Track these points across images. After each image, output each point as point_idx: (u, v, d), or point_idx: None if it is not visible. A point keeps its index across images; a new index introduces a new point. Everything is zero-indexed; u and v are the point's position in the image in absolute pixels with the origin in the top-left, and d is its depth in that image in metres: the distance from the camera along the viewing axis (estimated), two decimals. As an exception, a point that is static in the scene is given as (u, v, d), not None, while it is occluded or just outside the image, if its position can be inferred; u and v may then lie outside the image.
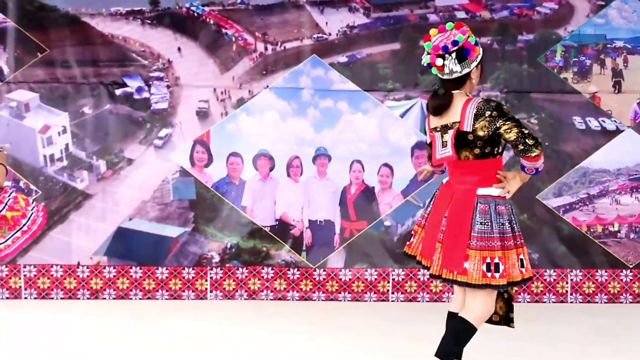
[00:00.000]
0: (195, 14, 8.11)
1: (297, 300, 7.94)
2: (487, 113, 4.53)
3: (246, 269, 7.95)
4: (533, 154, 4.50)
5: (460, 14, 8.12)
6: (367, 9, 8.20)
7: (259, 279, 7.94)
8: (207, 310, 7.50)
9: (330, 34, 8.15)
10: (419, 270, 7.90)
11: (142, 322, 7.02)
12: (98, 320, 7.07)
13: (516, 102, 7.95)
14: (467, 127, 4.57)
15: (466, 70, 4.62)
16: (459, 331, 4.70)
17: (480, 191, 4.62)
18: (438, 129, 4.73)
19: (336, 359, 5.96)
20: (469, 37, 4.58)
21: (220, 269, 7.94)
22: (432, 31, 4.73)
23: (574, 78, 8.09)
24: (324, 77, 8.10)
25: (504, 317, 4.93)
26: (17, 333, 6.57)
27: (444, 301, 7.88)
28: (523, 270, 4.62)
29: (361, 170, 8.06)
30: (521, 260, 4.62)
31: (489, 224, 4.55)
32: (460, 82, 4.64)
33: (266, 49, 8.12)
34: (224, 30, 8.13)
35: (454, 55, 4.55)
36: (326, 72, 8.10)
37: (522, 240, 4.67)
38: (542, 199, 8.00)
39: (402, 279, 7.92)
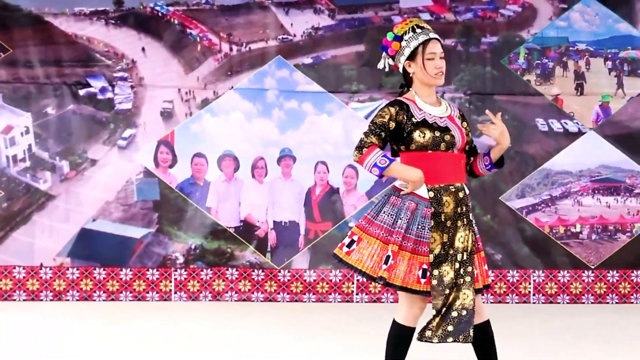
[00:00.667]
0: (160, 14, 8.21)
1: (261, 301, 8.04)
2: None
3: (210, 270, 8.03)
4: (354, 159, 4.31)
5: (425, 16, 8.26)
6: (332, 11, 8.33)
7: (223, 280, 8.03)
8: (171, 312, 7.56)
9: (295, 36, 8.28)
10: (383, 271, 7.98)
11: (106, 323, 7.04)
12: (61, 322, 7.09)
13: (480, 104, 8.09)
14: None
15: (401, 65, 4.44)
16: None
17: (396, 182, 4.40)
18: None
19: (301, 359, 6.02)
20: (389, 32, 4.47)
21: (185, 270, 8.02)
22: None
23: (537, 80, 8.27)
24: (289, 79, 8.22)
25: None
26: (-22, 334, 6.59)
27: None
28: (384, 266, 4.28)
29: (326, 172, 8.18)
30: (387, 257, 4.27)
31: (393, 216, 4.31)
32: (405, 80, 4.50)
33: (231, 49, 8.22)
34: (188, 31, 8.23)
35: (384, 54, 4.51)
36: (291, 73, 8.21)
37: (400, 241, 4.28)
38: (505, 200, 8.16)
39: (367, 280, 8.01)
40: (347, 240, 4.51)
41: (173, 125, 8.11)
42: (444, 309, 4.29)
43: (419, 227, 4.29)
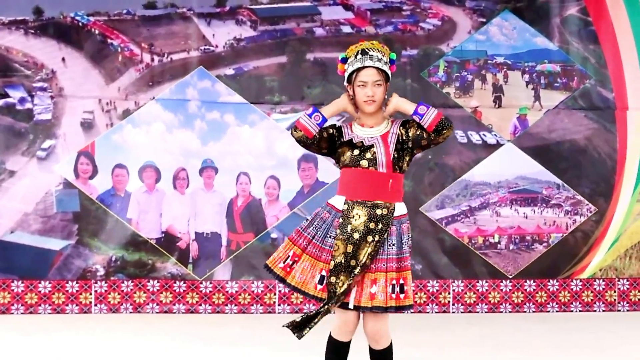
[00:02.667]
0: (80, 24, 8.33)
1: (183, 313, 8.22)
2: None
3: (131, 282, 8.18)
4: (294, 135, 4.71)
5: (346, 29, 8.52)
6: (254, 22, 8.52)
7: (144, 292, 8.18)
8: (91, 325, 7.66)
9: (217, 46, 8.46)
10: (305, 282, 8.21)
11: (24, 337, 7.09)
12: (-22, 336, 7.14)
13: (399, 115, 8.29)
14: None
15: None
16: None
17: None
18: None
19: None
20: (341, 54, 4.83)
21: (105, 282, 8.15)
22: None
23: (456, 93, 8.58)
24: (211, 89, 8.41)
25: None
26: None
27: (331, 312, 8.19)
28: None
29: (248, 183, 8.39)
30: (288, 257, 4.67)
31: (308, 222, 4.74)
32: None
33: (152, 60, 8.38)
34: (109, 41, 8.35)
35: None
36: (213, 84, 8.40)
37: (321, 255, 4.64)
38: (425, 211, 8.46)
39: (289, 291, 8.22)
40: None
41: (93, 136, 8.25)
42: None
43: (327, 235, 4.62)
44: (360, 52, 4.70)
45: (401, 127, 4.73)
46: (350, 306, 4.57)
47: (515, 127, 8.58)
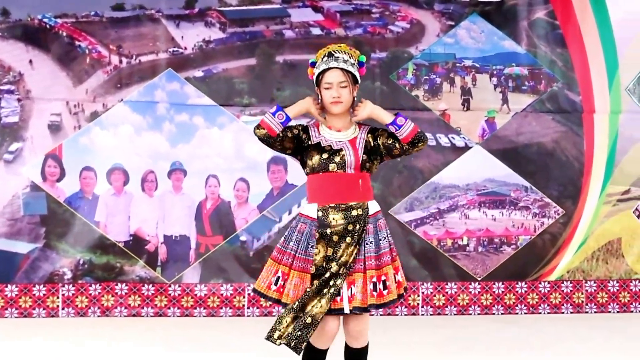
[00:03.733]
0: (48, 26, 8.29)
1: (151, 316, 8.20)
2: None
3: (99, 285, 8.14)
4: (257, 133, 4.75)
5: (316, 31, 8.53)
6: (223, 24, 8.51)
7: (112, 295, 8.15)
8: (58, 329, 7.64)
9: (186, 48, 8.45)
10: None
11: (-10, 340, 7.07)
12: (-57, 340, 7.09)
13: (370, 123, 8.32)
14: None
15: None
16: None
17: None
18: None
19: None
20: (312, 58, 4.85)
21: (73, 286, 8.11)
22: None
23: (425, 96, 8.60)
24: (180, 91, 8.39)
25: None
26: None
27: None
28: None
29: (217, 185, 8.37)
30: (277, 278, 4.63)
31: (288, 238, 4.72)
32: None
33: (121, 62, 8.35)
34: (77, 43, 8.31)
35: None
36: (182, 86, 8.38)
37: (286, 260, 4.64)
38: (394, 214, 8.48)
39: (252, 292, 8.16)
40: None
41: (61, 138, 8.21)
42: (299, 312, 4.49)
43: (308, 246, 4.61)
44: (326, 54, 4.73)
45: (369, 134, 4.75)
46: (347, 311, 4.55)
47: (484, 130, 8.63)
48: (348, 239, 4.57)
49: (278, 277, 4.60)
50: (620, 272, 8.71)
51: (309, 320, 4.48)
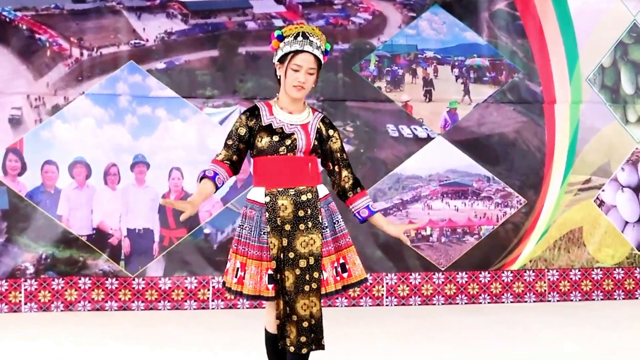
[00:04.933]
0: (7, 19, 8.18)
1: (115, 310, 8.13)
2: None
3: (62, 279, 8.05)
4: None
5: (278, 22, 8.48)
6: (185, 15, 8.44)
7: (75, 290, 8.06)
8: (21, 324, 7.55)
9: (147, 40, 8.37)
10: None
11: (-48, 336, 6.99)
12: None
13: (332, 110, 8.36)
14: None
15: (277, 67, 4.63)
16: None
17: None
18: None
19: (153, 367, 6.14)
20: (277, 30, 4.64)
21: (35, 281, 8.02)
22: None
23: (387, 87, 8.59)
24: (142, 84, 8.32)
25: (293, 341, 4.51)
26: None
27: (263, 307, 8.16)
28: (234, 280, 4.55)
29: (180, 178, 8.31)
30: (237, 269, 4.53)
31: (241, 227, 4.60)
32: (278, 81, 4.65)
33: (82, 54, 8.26)
34: (37, 36, 8.21)
35: None
36: (144, 78, 8.31)
37: (245, 250, 4.53)
38: (358, 205, 8.41)
39: (222, 286, 8.13)
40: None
41: (22, 132, 8.10)
42: (293, 317, 4.43)
43: (260, 233, 4.46)
44: (301, 34, 4.53)
45: (322, 123, 4.65)
46: (339, 287, 4.53)
47: (446, 120, 8.64)
48: (301, 226, 4.46)
49: (237, 269, 4.51)
50: (582, 260, 8.75)
51: (313, 322, 4.46)
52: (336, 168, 4.69)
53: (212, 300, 8.25)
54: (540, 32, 8.80)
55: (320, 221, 4.49)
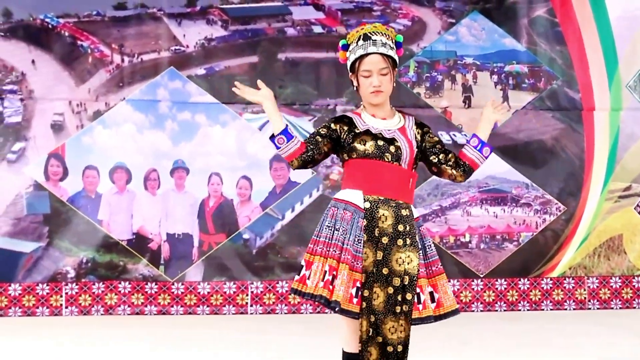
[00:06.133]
0: (50, 26, 8.20)
1: (154, 314, 8.11)
2: None
3: (102, 283, 8.04)
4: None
5: (317, 29, 8.43)
6: (225, 22, 8.43)
7: (115, 294, 8.05)
8: (62, 327, 7.55)
9: (188, 46, 8.36)
10: (277, 282, 8.13)
11: (-6, 339, 7.01)
12: (-53, 339, 7.01)
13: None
14: None
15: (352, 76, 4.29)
16: None
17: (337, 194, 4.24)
18: None
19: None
20: (342, 39, 4.34)
21: (76, 284, 8.01)
22: None
23: (427, 93, 8.52)
24: (182, 90, 8.30)
25: None
26: None
27: (302, 313, 8.14)
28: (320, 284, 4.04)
29: (220, 183, 8.27)
30: (324, 272, 4.04)
31: (331, 228, 4.12)
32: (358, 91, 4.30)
33: (123, 60, 8.27)
34: (79, 42, 8.23)
35: None
36: (184, 84, 8.28)
37: (342, 255, 4.04)
38: (397, 211, 8.32)
39: (261, 292, 8.15)
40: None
41: (64, 138, 8.12)
42: (378, 338, 4.05)
43: (356, 239, 4.03)
44: (362, 37, 4.18)
45: (416, 128, 4.26)
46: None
47: (485, 127, 8.50)
48: (399, 242, 4.05)
49: (325, 272, 4.01)
50: (623, 268, 8.60)
51: (400, 348, 4.07)
52: (442, 156, 4.28)
53: (251, 305, 8.19)
54: (580, 38, 8.68)
55: (418, 241, 4.11)
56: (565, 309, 8.49)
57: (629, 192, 8.67)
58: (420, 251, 4.12)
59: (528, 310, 8.45)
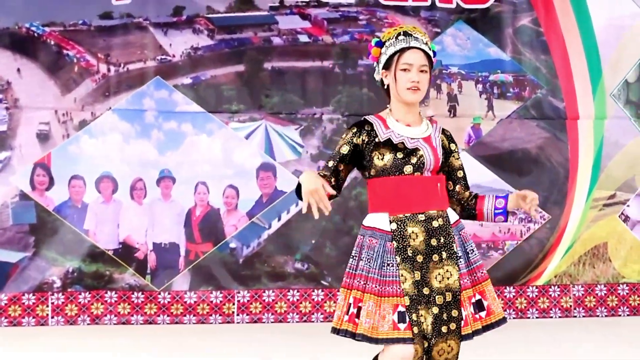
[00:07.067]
0: (36, 35, 8.14)
1: (141, 324, 8.06)
2: None
3: (89, 293, 7.99)
4: None
5: (303, 38, 8.41)
6: (211, 31, 8.39)
7: (102, 304, 7.99)
8: (48, 337, 7.50)
9: (174, 56, 8.32)
10: (264, 291, 8.09)
11: (-20, 350, 6.96)
12: None
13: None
14: None
15: (377, 77, 4.10)
16: None
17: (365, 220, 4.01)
18: None
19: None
20: (375, 37, 4.16)
21: (62, 294, 7.95)
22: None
23: (412, 102, 8.44)
24: (168, 99, 8.27)
25: None
26: None
27: (289, 322, 8.09)
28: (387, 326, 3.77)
29: (206, 192, 8.23)
30: (349, 305, 3.85)
31: (356, 258, 3.89)
32: (387, 93, 4.07)
33: (109, 70, 8.22)
34: (65, 51, 8.18)
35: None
36: (170, 93, 8.25)
37: (395, 289, 3.81)
38: (383, 220, 8.29)
39: (247, 301, 8.11)
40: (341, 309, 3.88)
41: (50, 147, 8.06)
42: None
43: (384, 265, 3.82)
44: (402, 33, 3.96)
45: (443, 135, 4.11)
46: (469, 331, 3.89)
47: (470, 136, 8.54)
48: (435, 257, 3.84)
49: (350, 305, 3.81)
50: (608, 276, 8.60)
51: None
52: (457, 188, 4.10)
53: (238, 315, 8.15)
54: (564, 48, 8.69)
55: (455, 250, 3.86)
56: (551, 317, 8.47)
57: (613, 200, 8.67)
58: (461, 259, 3.90)
59: (514, 318, 8.42)
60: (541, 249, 8.56)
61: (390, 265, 3.79)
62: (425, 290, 3.80)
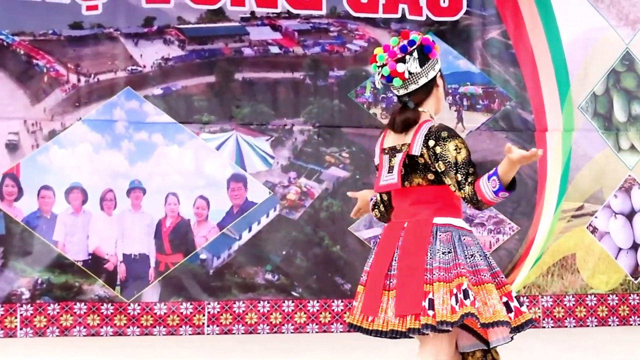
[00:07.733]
0: (5, 44, 8.09)
1: (111, 335, 7.98)
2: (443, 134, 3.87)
3: (58, 304, 7.90)
4: (483, 208, 3.99)
5: (274, 49, 8.40)
6: (182, 42, 8.37)
7: (71, 315, 7.91)
8: (17, 349, 7.41)
9: (144, 66, 8.29)
10: (234, 303, 8.04)
11: (-54, 362, 6.88)
12: None
13: (328, 136, 8.28)
14: (416, 150, 3.86)
15: (432, 74, 3.99)
16: None
17: (439, 220, 3.89)
18: (386, 151, 4.03)
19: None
20: (425, 35, 4.11)
21: (31, 306, 7.87)
22: (377, 50, 4.21)
23: (383, 113, 8.53)
24: (139, 110, 8.22)
25: None
26: None
27: (259, 333, 8.05)
28: (511, 315, 3.90)
29: (177, 203, 8.19)
30: (506, 303, 3.89)
31: (453, 252, 3.80)
32: (427, 90, 3.99)
33: (79, 80, 8.17)
34: (34, 61, 8.12)
35: (415, 54, 4.00)
36: (141, 104, 8.21)
37: (504, 279, 3.94)
38: (354, 231, 8.34)
39: (218, 312, 8.07)
40: (453, 300, 3.72)
41: (19, 157, 7.98)
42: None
43: (489, 259, 3.94)
44: None
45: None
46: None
47: (441, 147, 8.52)
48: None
49: (507, 303, 3.91)
50: (576, 287, 8.64)
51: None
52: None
53: (208, 326, 8.10)
54: (533, 60, 8.75)
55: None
56: (520, 328, 8.48)
57: (581, 212, 8.73)
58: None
59: (483, 329, 8.43)
60: (510, 260, 8.59)
61: (489, 258, 3.93)
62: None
